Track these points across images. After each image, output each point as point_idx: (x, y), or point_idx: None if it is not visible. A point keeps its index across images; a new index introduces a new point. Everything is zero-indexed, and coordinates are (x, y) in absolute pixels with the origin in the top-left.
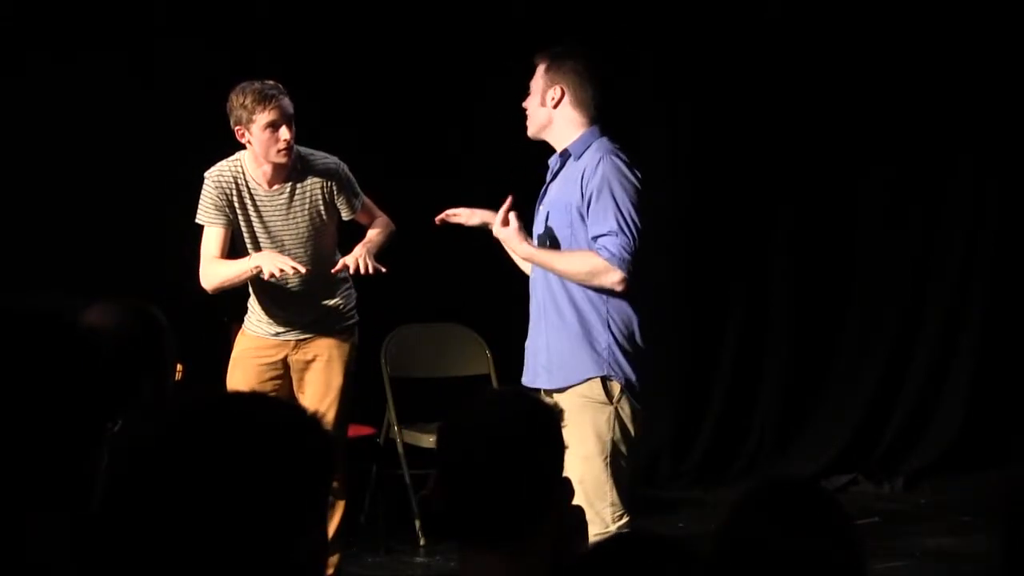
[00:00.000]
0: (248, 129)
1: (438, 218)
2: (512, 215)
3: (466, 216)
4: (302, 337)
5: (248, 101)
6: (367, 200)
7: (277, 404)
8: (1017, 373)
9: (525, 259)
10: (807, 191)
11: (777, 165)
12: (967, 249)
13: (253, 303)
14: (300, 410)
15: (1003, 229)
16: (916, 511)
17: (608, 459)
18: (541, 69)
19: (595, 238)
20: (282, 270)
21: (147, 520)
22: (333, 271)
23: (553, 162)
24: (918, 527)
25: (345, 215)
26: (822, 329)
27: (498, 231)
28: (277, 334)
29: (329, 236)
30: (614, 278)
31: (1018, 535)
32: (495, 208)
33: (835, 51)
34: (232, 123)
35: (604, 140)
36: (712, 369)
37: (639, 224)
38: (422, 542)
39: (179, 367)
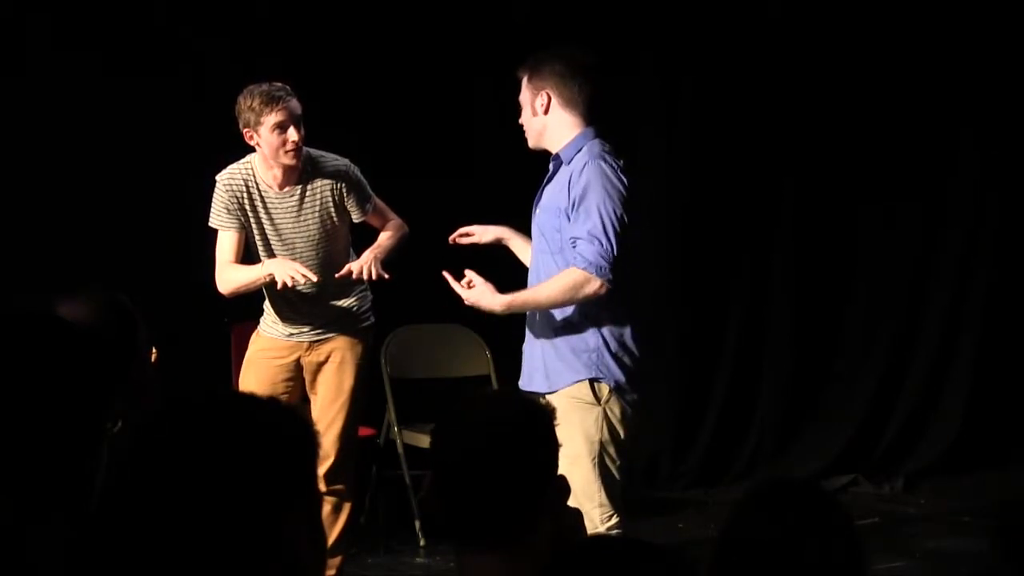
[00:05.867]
0: (256, 131)
1: (451, 238)
2: (472, 277)
3: (479, 233)
4: (316, 338)
5: (256, 103)
6: (379, 203)
7: (249, 396)
8: (1017, 373)
9: (506, 310)
10: (807, 191)
11: (776, 163)
12: (967, 249)
13: (268, 305)
14: (274, 400)
15: (1003, 228)
16: (916, 511)
17: (596, 460)
18: (525, 81)
19: (573, 245)
20: (294, 279)
21: (127, 519)
22: (337, 276)
23: (550, 166)
24: (918, 527)
25: (356, 217)
26: (822, 329)
27: (469, 299)
28: (291, 335)
29: (341, 238)
30: (594, 286)
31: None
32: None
33: (835, 51)
34: (240, 126)
35: (595, 143)
36: (712, 369)
37: (618, 229)
38: (422, 542)
39: (154, 351)
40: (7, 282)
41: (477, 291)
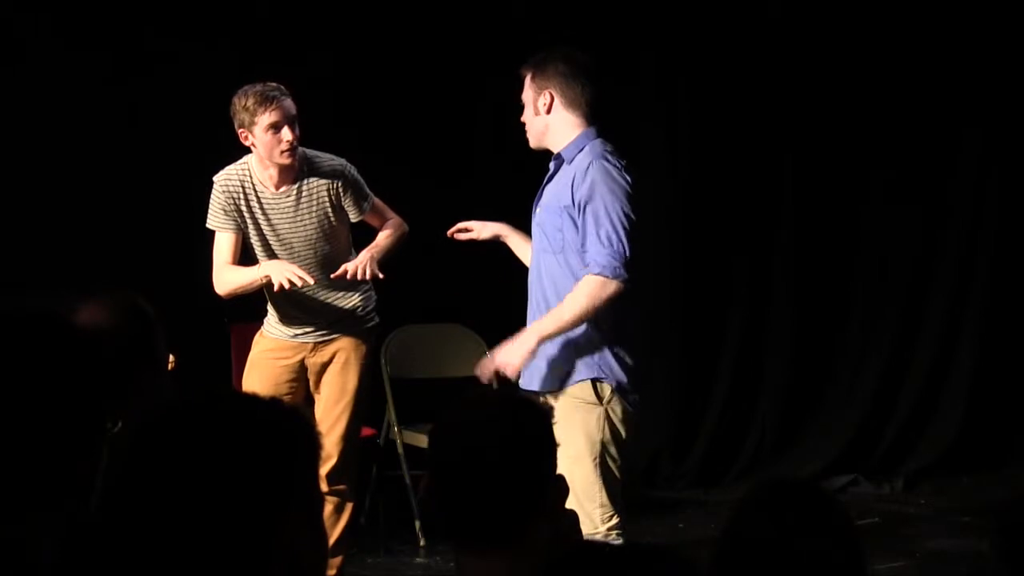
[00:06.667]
0: (251, 131)
1: (450, 232)
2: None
3: (478, 229)
4: (320, 339)
5: (250, 103)
6: (378, 202)
7: (250, 396)
8: (1017, 373)
9: (538, 341)
10: (807, 191)
11: (778, 163)
12: (967, 249)
13: (271, 306)
14: (276, 400)
15: (1003, 229)
16: (916, 511)
17: (598, 460)
18: (528, 79)
19: (585, 252)
20: (291, 281)
21: (127, 519)
22: (333, 276)
23: (551, 165)
24: (918, 527)
25: (353, 217)
26: (823, 329)
27: (501, 366)
28: (295, 336)
29: (341, 238)
30: (611, 289)
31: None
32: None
33: (835, 51)
34: (236, 127)
35: (597, 143)
36: (712, 369)
37: (628, 228)
38: (422, 542)
39: (172, 357)
40: (9, 282)
41: (502, 354)
